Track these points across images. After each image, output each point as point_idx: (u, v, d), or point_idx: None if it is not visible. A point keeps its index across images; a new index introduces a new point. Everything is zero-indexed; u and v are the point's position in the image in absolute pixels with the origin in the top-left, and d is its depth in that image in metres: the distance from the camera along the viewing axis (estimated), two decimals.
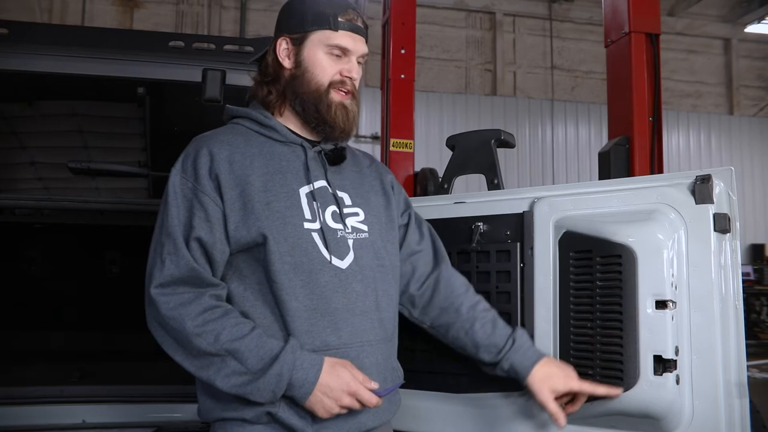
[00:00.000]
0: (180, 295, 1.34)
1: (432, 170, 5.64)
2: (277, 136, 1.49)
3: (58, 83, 2.70)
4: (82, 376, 2.62)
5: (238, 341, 1.31)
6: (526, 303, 1.70)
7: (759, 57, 13.78)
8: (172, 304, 1.33)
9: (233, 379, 1.30)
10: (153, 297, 1.34)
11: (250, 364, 1.30)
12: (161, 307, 1.33)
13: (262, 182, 1.41)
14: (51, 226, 3.32)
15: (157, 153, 3.26)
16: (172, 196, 1.41)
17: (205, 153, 1.42)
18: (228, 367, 1.30)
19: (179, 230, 1.38)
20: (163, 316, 1.33)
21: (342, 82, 1.48)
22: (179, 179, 1.42)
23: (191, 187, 1.40)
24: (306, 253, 1.40)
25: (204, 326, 1.31)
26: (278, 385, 1.30)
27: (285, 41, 1.50)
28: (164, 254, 1.36)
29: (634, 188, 1.60)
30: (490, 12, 12.64)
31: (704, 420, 1.44)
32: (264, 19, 11.61)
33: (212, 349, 1.30)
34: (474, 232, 1.80)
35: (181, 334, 1.32)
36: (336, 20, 1.46)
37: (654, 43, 3.51)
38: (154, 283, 1.35)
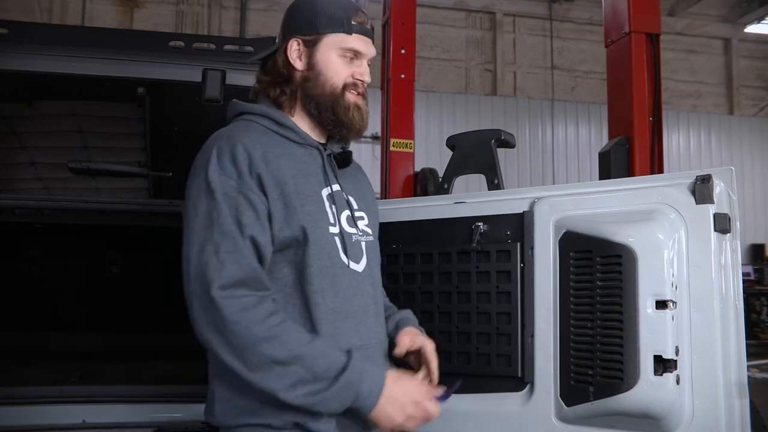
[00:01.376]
0: (242, 298, 1.26)
1: (432, 170, 5.64)
2: (295, 137, 1.47)
3: (58, 83, 2.69)
4: (82, 376, 2.61)
5: (304, 347, 1.27)
6: (526, 303, 1.70)
7: (759, 57, 13.77)
8: (236, 308, 1.25)
9: (299, 389, 1.25)
10: (215, 299, 1.25)
11: (318, 372, 1.26)
12: (224, 310, 1.24)
13: (294, 184, 1.39)
14: (51, 226, 3.32)
15: (157, 153, 3.26)
16: (219, 194, 1.32)
17: (242, 150, 1.36)
18: (294, 376, 1.25)
19: (236, 228, 1.30)
20: (226, 320, 1.24)
21: (355, 84, 1.48)
22: (218, 177, 1.33)
23: (235, 186, 1.33)
24: (330, 257, 1.41)
25: (269, 331, 1.25)
26: (347, 395, 1.27)
27: (297, 42, 1.49)
28: (221, 253, 1.28)
29: (635, 188, 1.60)
30: (490, 12, 12.64)
31: (704, 420, 1.44)
32: (264, 19, 11.61)
33: (280, 356, 1.25)
34: (474, 232, 1.80)
35: (246, 340, 1.25)
36: (350, 23, 1.47)
37: (654, 43, 3.51)
38: (214, 284, 1.25)
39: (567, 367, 1.60)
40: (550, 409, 1.63)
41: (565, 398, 1.60)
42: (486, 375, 1.75)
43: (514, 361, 1.71)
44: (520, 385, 1.70)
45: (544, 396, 1.64)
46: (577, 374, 1.58)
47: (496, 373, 1.74)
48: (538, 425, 1.65)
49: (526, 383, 1.69)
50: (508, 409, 1.70)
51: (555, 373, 1.62)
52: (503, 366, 1.73)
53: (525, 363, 1.69)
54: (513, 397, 1.70)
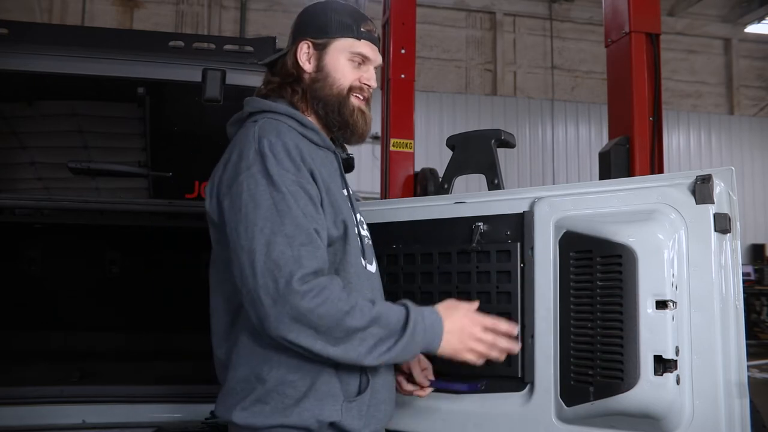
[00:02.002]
0: (318, 282, 1.27)
1: (432, 170, 5.65)
2: (317, 140, 1.48)
3: (58, 83, 2.70)
4: (82, 376, 2.62)
5: (375, 309, 1.30)
6: (527, 303, 1.70)
7: (759, 57, 13.79)
8: (315, 292, 1.25)
9: (379, 349, 1.29)
10: (297, 291, 1.24)
11: (392, 326, 1.31)
12: (306, 297, 1.24)
13: (328, 183, 1.42)
14: (51, 226, 3.32)
15: (157, 153, 3.26)
16: (283, 189, 1.30)
17: (293, 145, 1.37)
18: (374, 337, 1.29)
19: (305, 220, 1.30)
20: (310, 307, 1.24)
21: (361, 88, 1.52)
22: (278, 169, 1.32)
23: (294, 179, 1.33)
24: (356, 257, 1.44)
25: (348, 303, 1.28)
26: (419, 338, 1.33)
27: (307, 45, 1.52)
28: (296, 246, 1.27)
29: (635, 188, 1.60)
30: (490, 12, 12.65)
31: (704, 420, 1.44)
32: (264, 19, 11.62)
33: (361, 324, 1.27)
34: (474, 232, 1.79)
35: (333, 319, 1.25)
36: (359, 29, 1.51)
37: (654, 43, 3.51)
38: (295, 276, 1.24)
39: (567, 367, 1.60)
40: (550, 409, 1.63)
41: (565, 398, 1.60)
42: (486, 375, 1.75)
43: (514, 361, 1.71)
44: (520, 385, 1.70)
45: (544, 396, 1.64)
46: (577, 374, 1.57)
47: (496, 373, 1.74)
48: (538, 425, 1.65)
49: (526, 383, 1.69)
50: (508, 409, 1.70)
51: (555, 373, 1.62)
52: (503, 366, 1.73)
53: (525, 363, 1.69)
54: (513, 397, 1.70)
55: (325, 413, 1.33)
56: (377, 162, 6.01)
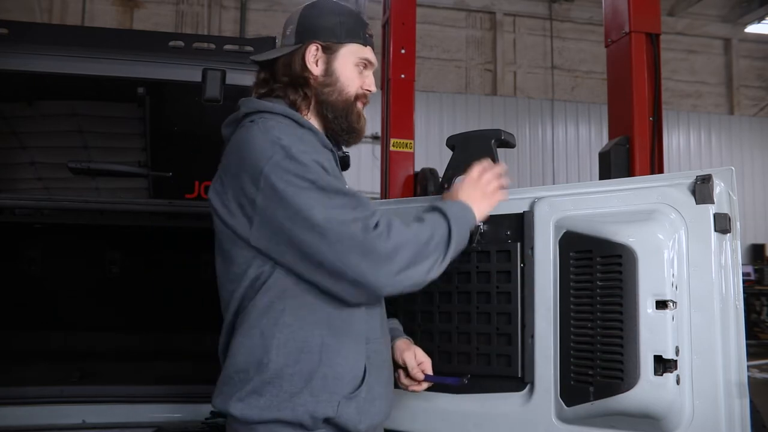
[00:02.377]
0: (378, 220, 1.32)
1: (432, 170, 5.65)
2: (314, 139, 1.49)
3: (58, 83, 2.69)
4: (82, 376, 2.61)
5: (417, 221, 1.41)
6: (527, 303, 1.70)
7: (759, 57, 13.78)
8: (385, 228, 1.31)
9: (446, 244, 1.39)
10: (374, 235, 1.29)
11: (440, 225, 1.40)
12: (383, 236, 1.29)
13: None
14: (51, 226, 3.32)
15: (157, 153, 3.25)
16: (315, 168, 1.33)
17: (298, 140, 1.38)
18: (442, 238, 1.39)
19: (341, 188, 1.34)
20: (391, 242, 1.30)
21: (365, 95, 1.56)
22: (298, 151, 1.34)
23: (314, 159, 1.35)
24: None
25: (407, 225, 1.36)
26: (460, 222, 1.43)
27: (316, 47, 1.51)
28: (350, 209, 1.31)
29: (635, 188, 1.60)
30: (490, 12, 12.65)
31: (704, 420, 1.44)
32: (264, 19, 11.62)
33: (427, 234, 1.37)
34: (474, 232, 1.80)
35: (412, 240, 1.33)
36: (365, 35, 1.54)
37: (654, 43, 3.52)
38: (370, 222, 1.30)
39: (567, 367, 1.60)
40: (550, 409, 1.63)
41: (565, 398, 1.60)
42: (486, 375, 1.75)
43: (514, 361, 1.71)
44: (520, 385, 1.70)
45: (544, 396, 1.64)
46: (577, 374, 1.58)
47: (496, 373, 1.74)
48: (538, 425, 1.65)
49: (526, 383, 1.69)
50: (508, 409, 1.70)
51: (555, 373, 1.63)
52: (503, 366, 1.73)
53: (525, 363, 1.69)
54: (513, 397, 1.70)
55: (320, 409, 1.32)
56: (377, 162, 6.01)
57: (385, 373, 1.51)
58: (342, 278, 1.29)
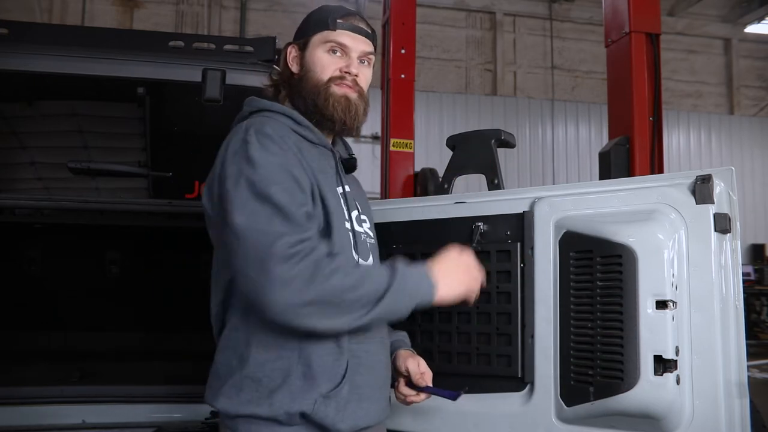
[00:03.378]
0: (302, 245, 1.26)
1: (432, 170, 5.65)
2: (312, 137, 1.50)
3: (58, 83, 2.69)
4: (82, 376, 2.61)
5: (358, 269, 1.35)
6: (527, 303, 1.70)
7: (759, 57, 13.78)
8: (301, 256, 1.25)
9: (372, 303, 1.29)
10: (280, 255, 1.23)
11: (378, 283, 1.30)
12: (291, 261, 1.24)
13: (317, 177, 1.43)
14: (51, 226, 3.32)
15: (157, 153, 3.25)
16: (265, 171, 1.30)
17: (279, 135, 1.38)
18: (369, 292, 1.29)
19: (286, 199, 1.29)
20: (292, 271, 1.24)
21: (341, 77, 1.50)
22: (261, 154, 1.32)
23: (278, 162, 1.33)
24: (345, 251, 1.43)
25: (334, 263, 1.28)
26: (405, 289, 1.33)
27: (293, 49, 1.57)
28: (277, 223, 1.27)
29: (635, 188, 1.60)
30: (490, 12, 12.65)
31: (704, 420, 1.44)
32: (264, 19, 11.62)
33: (348, 282, 1.28)
34: (474, 232, 1.80)
35: (316, 280, 1.25)
36: (334, 21, 1.52)
37: (654, 43, 3.52)
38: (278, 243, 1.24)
39: (567, 367, 1.60)
40: (550, 409, 1.63)
41: (565, 398, 1.60)
42: (486, 375, 1.75)
43: (514, 361, 1.71)
44: (520, 385, 1.70)
45: (544, 396, 1.64)
46: (577, 374, 1.58)
47: (496, 373, 1.74)
48: (538, 425, 1.65)
49: (526, 383, 1.69)
50: (508, 409, 1.70)
51: (555, 373, 1.63)
52: (503, 366, 1.73)
53: (525, 363, 1.69)
54: (513, 397, 1.70)
55: (296, 406, 1.32)
56: (377, 162, 6.01)
57: (379, 375, 1.49)
58: (246, 289, 1.29)
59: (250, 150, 1.33)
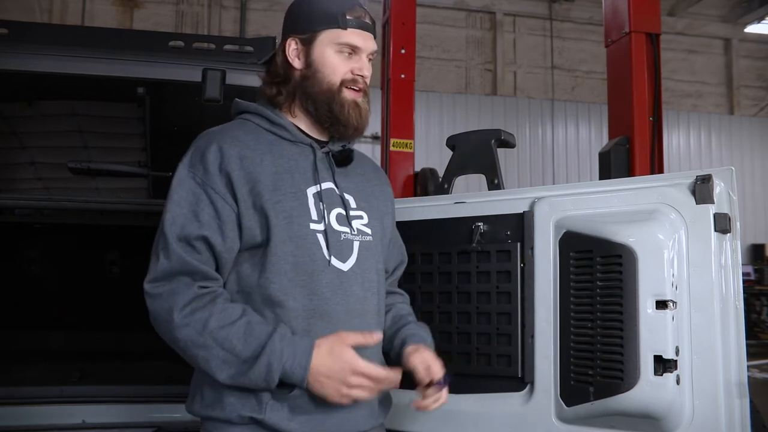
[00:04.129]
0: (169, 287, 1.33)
1: (432, 170, 5.65)
2: (286, 135, 1.47)
3: (58, 83, 2.69)
4: (82, 376, 2.61)
5: (225, 329, 1.29)
6: (527, 303, 1.70)
7: (759, 57, 13.78)
8: (162, 297, 1.32)
9: (227, 370, 1.29)
10: (145, 290, 1.35)
11: (238, 351, 1.28)
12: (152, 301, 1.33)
13: (272, 181, 1.39)
14: (51, 226, 3.32)
15: (157, 153, 3.26)
16: (177, 191, 1.39)
17: (215, 149, 1.39)
18: (218, 357, 1.29)
19: (177, 227, 1.36)
20: (153, 310, 1.34)
21: (354, 80, 1.46)
22: (187, 173, 1.40)
23: (200, 183, 1.37)
24: (309, 254, 1.39)
25: (192, 315, 1.30)
26: (269, 375, 1.28)
27: (294, 42, 1.49)
28: (158, 249, 1.36)
29: (635, 188, 1.60)
30: (491, 12, 12.64)
31: (704, 420, 1.44)
32: (264, 19, 11.61)
33: (200, 340, 1.29)
34: (474, 232, 1.80)
35: (170, 325, 1.32)
36: (344, 18, 1.45)
37: (654, 43, 3.51)
38: (147, 278, 1.36)
39: (567, 367, 1.60)
40: (550, 409, 1.63)
41: (565, 398, 1.60)
42: (486, 375, 1.75)
43: (514, 361, 1.71)
44: (520, 385, 1.70)
45: (544, 396, 1.64)
46: (577, 374, 1.58)
47: (496, 373, 1.74)
48: (538, 425, 1.65)
49: (526, 383, 1.69)
50: (508, 409, 1.70)
51: (555, 373, 1.63)
52: (503, 366, 1.73)
53: (525, 363, 1.69)
54: (513, 397, 1.70)
55: (247, 410, 1.34)
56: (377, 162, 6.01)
57: None
58: None
59: (180, 167, 1.42)
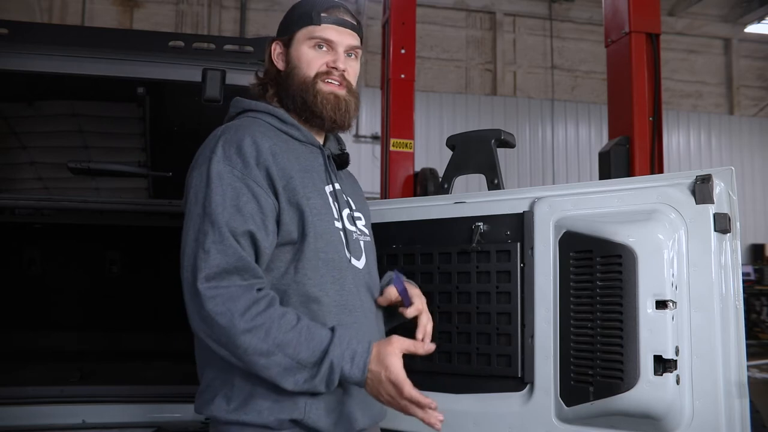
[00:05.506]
0: (228, 288, 1.26)
1: (432, 170, 5.66)
2: (298, 135, 1.48)
3: (58, 83, 2.69)
4: (82, 376, 2.61)
5: (287, 335, 1.26)
6: (527, 303, 1.70)
7: (759, 57, 13.79)
8: (220, 299, 1.25)
9: (292, 377, 1.26)
10: (200, 291, 1.25)
11: (303, 358, 1.26)
12: (207, 303, 1.25)
13: (300, 178, 1.41)
14: (51, 226, 3.32)
15: (157, 153, 3.26)
16: (217, 185, 1.32)
17: (250, 142, 1.36)
18: (280, 365, 1.25)
19: (225, 219, 1.30)
20: (209, 312, 1.25)
21: (328, 72, 1.48)
22: (224, 167, 1.33)
23: (240, 176, 1.33)
24: (336, 251, 1.42)
25: (252, 322, 1.25)
26: (330, 379, 1.27)
27: (278, 45, 1.54)
28: (208, 243, 1.28)
29: (634, 188, 1.60)
30: (490, 12, 12.65)
31: (704, 420, 1.44)
32: (264, 19, 11.62)
33: (262, 347, 1.24)
34: (474, 232, 1.80)
35: (228, 333, 1.24)
36: (318, 16, 1.49)
37: (654, 43, 3.52)
38: (200, 275, 1.26)
39: (567, 367, 1.60)
40: (550, 409, 1.63)
41: (565, 398, 1.60)
42: (486, 375, 1.75)
43: (514, 361, 1.71)
44: (520, 385, 1.70)
45: (544, 396, 1.64)
46: (577, 374, 1.58)
47: (496, 373, 1.74)
48: (538, 425, 1.65)
49: (526, 383, 1.69)
50: (508, 409, 1.70)
51: (555, 373, 1.62)
52: (503, 366, 1.73)
53: (525, 363, 1.69)
54: (513, 397, 1.70)
55: (286, 412, 1.32)
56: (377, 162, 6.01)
57: None
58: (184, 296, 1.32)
59: (213, 162, 1.34)
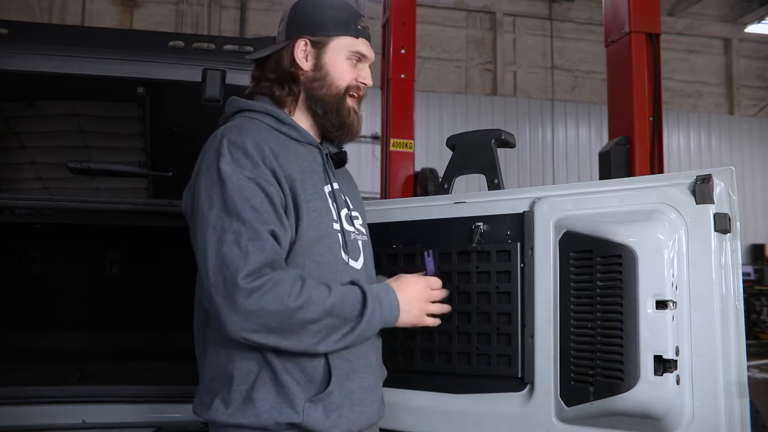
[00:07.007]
0: (269, 278, 1.26)
1: (432, 170, 5.65)
2: (296, 135, 1.48)
3: (58, 83, 2.69)
4: (82, 376, 2.61)
5: (330, 299, 1.31)
6: (527, 303, 1.70)
7: (759, 57, 13.79)
8: (265, 289, 1.25)
9: (332, 337, 1.32)
10: (243, 288, 1.24)
11: (347, 313, 1.33)
12: (254, 295, 1.24)
13: (301, 180, 1.41)
14: (51, 226, 3.32)
15: (157, 153, 3.26)
16: (232, 185, 1.31)
17: (253, 144, 1.36)
18: (328, 327, 1.31)
19: (251, 216, 1.29)
20: (256, 303, 1.24)
21: (357, 87, 1.52)
22: (232, 168, 1.33)
23: (250, 176, 1.32)
24: (333, 253, 1.42)
25: (300, 298, 1.27)
26: (375, 322, 1.37)
27: (305, 42, 1.50)
28: (243, 242, 1.27)
29: (635, 188, 1.60)
30: (490, 12, 12.66)
31: (704, 420, 1.44)
32: (264, 19, 11.63)
33: (315, 316, 1.28)
34: (474, 232, 1.80)
35: (283, 316, 1.26)
36: (356, 27, 1.51)
37: (654, 43, 3.52)
38: (241, 273, 1.25)
39: (567, 367, 1.60)
40: (550, 409, 1.63)
41: (565, 398, 1.60)
42: (486, 375, 1.75)
43: (514, 361, 1.71)
44: (520, 385, 1.70)
45: (544, 396, 1.64)
46: (577, 374, 1.58)
47: (496, 373, 1.74)
48: (538, 425, 1.65)
49: (526, 383, 1.69)
50: (508, 409, 1.70)
51: (555, 373, 1.62)
52: (503, 366, 1.73)
53: (525, 363, 1.69)
54: (513, 397, 1.70)
55: (284, 414, 1.33)
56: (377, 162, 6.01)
57: (371, 377, 1.49)
58: (210, 306, 1.31)
59: (222, 164, 1.33)
